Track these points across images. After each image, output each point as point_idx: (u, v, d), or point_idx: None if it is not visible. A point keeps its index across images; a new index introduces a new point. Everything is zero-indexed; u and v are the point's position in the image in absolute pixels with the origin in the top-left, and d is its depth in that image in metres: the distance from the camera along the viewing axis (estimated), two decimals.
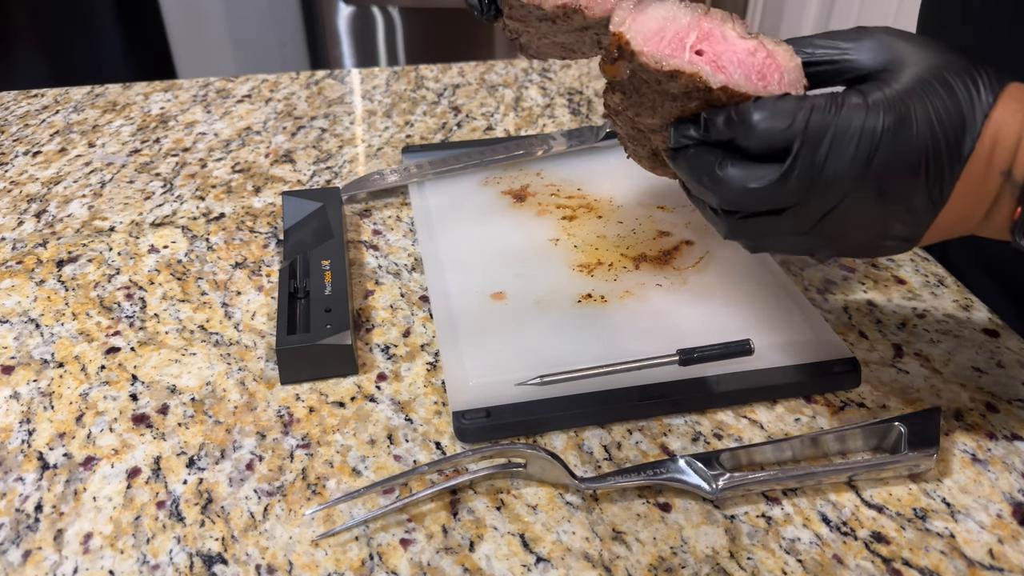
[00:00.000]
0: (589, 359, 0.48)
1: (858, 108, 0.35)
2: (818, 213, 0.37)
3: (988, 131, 0.35)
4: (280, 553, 0.39)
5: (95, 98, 0.86)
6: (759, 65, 0.38)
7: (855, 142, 0.35)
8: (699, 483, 0.41)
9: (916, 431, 0.43)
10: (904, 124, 0.35)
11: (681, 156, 0.41)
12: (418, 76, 0.92)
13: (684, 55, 0.37)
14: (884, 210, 0.37)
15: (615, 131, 0.46)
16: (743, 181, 0.37)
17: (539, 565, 0.39)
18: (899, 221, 0.37)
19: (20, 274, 0.59)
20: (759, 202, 0.38)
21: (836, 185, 0.36)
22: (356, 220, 0.65)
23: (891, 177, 0.36)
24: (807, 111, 0.36)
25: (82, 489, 0.42)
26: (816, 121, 0.35)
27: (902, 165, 0.35)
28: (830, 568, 0.38)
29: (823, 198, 0.36)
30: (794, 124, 0.36)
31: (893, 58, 0.37)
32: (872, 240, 0.38)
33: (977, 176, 0.35)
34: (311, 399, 0.48)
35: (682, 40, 0.38)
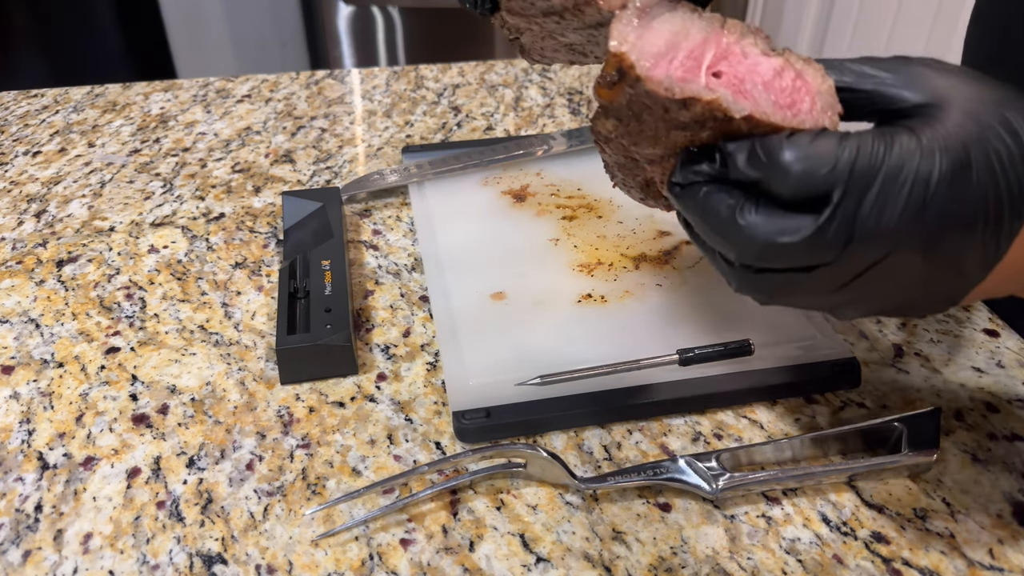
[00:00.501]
0: (589, 359, 0.48)
1: (911, 150, 0.30)
2: (854, 272, 0.32)
3: None
4: (280, 553, 0.39)
5: (95, 98, 0.86)
6: (788, 89, 0.32)
7: (907, 191, 0.30)
8: (699, 483, 0.41)
9: (916, 431, 0.43)
10: (962, 172, 0.30)
11: (689, 195, 0.34)
12: (418, 76, 0.92)
13: (700, 79, 0.31)
14: (931, 269, 0.32)
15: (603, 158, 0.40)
16: (770, 234, 0.31)
17: (539, 565, 0.39)
18: (944, 281, 0.32)
19: (20, 274, 0.59)
20: (787, 259, 0.32)
21: (880, 241, 0.30)
22: (356, 220, 0.65)
23: (944, 232, 0.30)
24: (852, 152, 0.30)
25: (82, 489, 0.42)
26: (863, 165, 0.30)
27: (958, 219, 0.30)
28: (830, 568, 0.38)
29: (863, 256, 0.31)
30: (837, 168, 0.30)
31: (940, 93, 0.32)
32: (909, 300, 0.33)
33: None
34: (311, 399, 0.48)
35: (697, 60, 0.32)
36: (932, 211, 0.30)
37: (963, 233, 0.31)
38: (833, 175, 0.30)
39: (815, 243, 0.31)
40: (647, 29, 0.32)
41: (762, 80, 0.32)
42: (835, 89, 0.32)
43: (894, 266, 0.31)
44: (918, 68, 0.33)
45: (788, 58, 0.33)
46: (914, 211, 0.30)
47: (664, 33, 0.32)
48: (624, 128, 0.35)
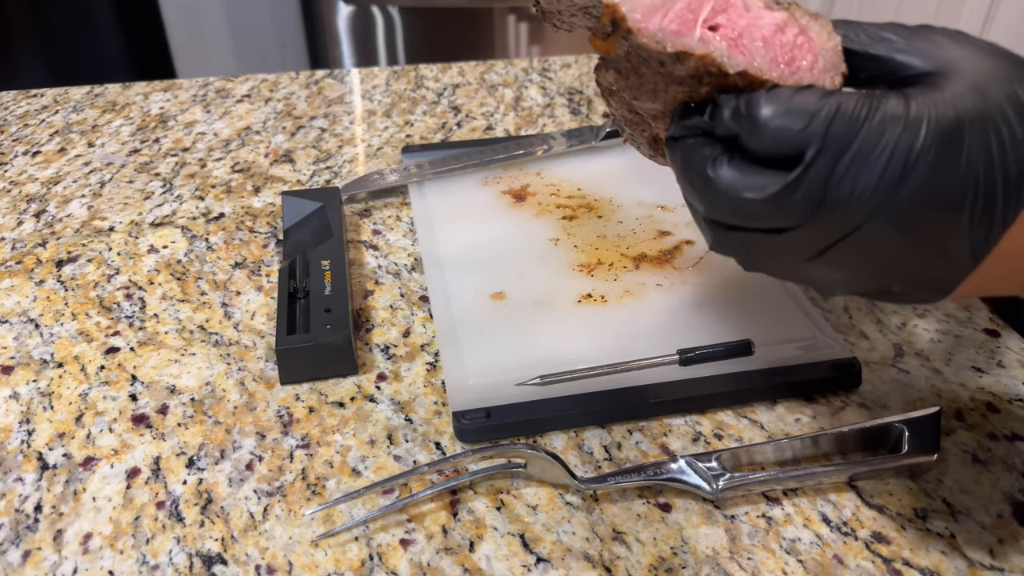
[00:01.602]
0: (589, 359, 0.48)
1: (896, 116, 0.28)
2: (825, 240, 0.30)
3: None
4: (280, 553, 0.39)
5: (94, 98, 0.86)
6: (788, 45, 0.31)
7: (884, 159, 0.28)
8: (699, 483, 0.41)
9: (916, 431, 0.43)
10: (951, 147, 0.28)
11: (678, 146, 0.33)
12: (418, 76, 0.92)
13: (695, 32, 0.30)
14: (911, 248, 0.30)
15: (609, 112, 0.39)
16: (736, 188, 0.30)
17: (539, 565, 0.38)
18: (926, 266, 0.30)
19: (19, 274, 0.59)
20: (752, 217, 0.31)
21: (853, 209, 0.29)
22: (356, 220, 0.65)
23: (923, 210, 0.29)
24: (831, 110, 0.29)
25: (82, 489, 0.42)
26: (840, 126, 0.29)
27: (940, 198, 0.28)
28: (831, 568, 0.38)
29: (833, 223, 0.30)
30: (811, 126, 0.29)
31: (950, 62, 0.30)
32: (890, 283, 0.32)
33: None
34: (311, 399, 0.48)
35: (694, 11, 0.31)
36: (911, 184, 0.28)
37: (945, 213, 0.29)
38: (807, 133, 0.29)
39: (782, 203, 0.30)
40: None
41: (761, 35, 0.31)
42: (842, 49, 0.31)
43: (870, 239, 0.30)
44: (937, 37, 0.31)
45: (794, 13, 0.31)
46: (891, 182, 0.28)
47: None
48: (624, 81, 0.34)
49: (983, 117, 0.28)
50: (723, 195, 0.31)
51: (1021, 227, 0.29)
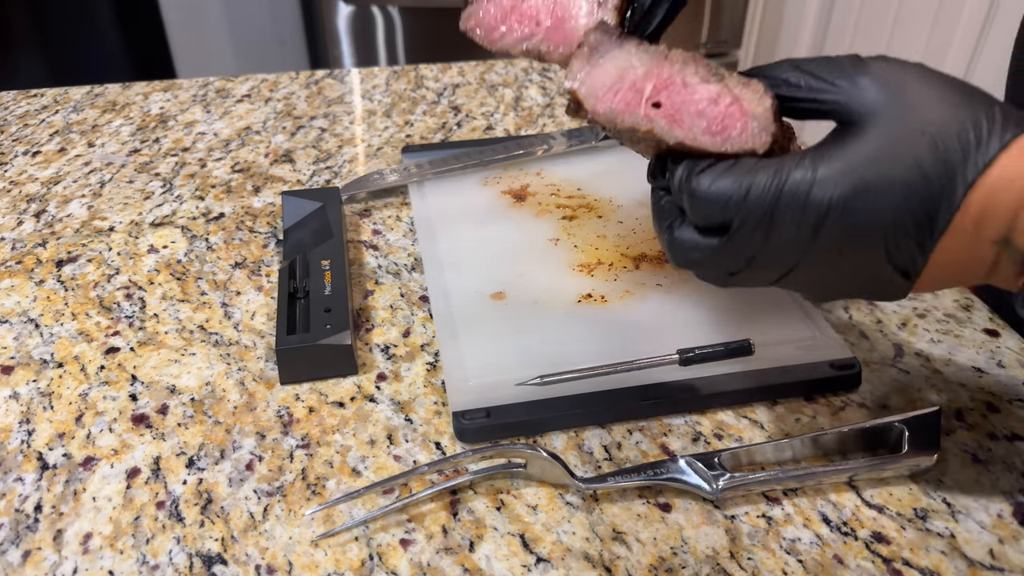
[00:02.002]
0: (589, 359, 0.48)
1: (802, 183, 0.32)
2: (770, 277, 0.36)
3: (974, 200, 0.31)
4: (280, 553, 0.39)
5: (94, 98, 0.86)
6: (721, 115, 0.34)
7: (796, 221, 0.33)
8: (699, 483, 0.41)
9: (916, 431, 0.43)
10: (859, 198, 0.32)
11: (653, 198, 0.39)
12: (418, 76, 0.92)
13: (639, 110, 0.35)
14: (845, 278, 0.35)
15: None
16: (687, 247, 0.36)
17: (539, 565, 0.38)
18: (866, 288, 0.35)
19: (19, 274, 0.59)
20: (703, 265, 0.37)
21: (781, 258, 0.34)
22: (356, 220, 0.65)
23: (844, 252, 0.33)
24: (745, 188, 0.33)
25: (82, 489, 0.42)
26: (755, 198, 0.33)
27: (856, 241, 0.32)
28: (830, 568, 0.38)
29: (770, 268, 0.35)
30: (731, 202, 0.33)
31: (878, 108, 0.33)
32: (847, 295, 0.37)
33: (962, 246, 0.32)
34: (311, 399, 0.48)
35: (639, 91, 0.35)
36: (826, 233, 0.32)
37: (865, 250, 0.33)
38: (729, 210, 0.34)
39: (722, 259, 0.35)
40: (596, 67, 0.36)
41: (696, 108, 0.35)
42: (773, 110, 0.34)
43: (808, 274, 0.35)
44: (866, 77, 0.34)
45: (727, 83, 0.35)
46: (807, 235, 0.33)
47: (611, 70, 0.36)
48: (607, 132, 0.38)
49: (891, 163, 0.31)
50: (679, 249, 0.37)
51: (947, 250, 0.32)
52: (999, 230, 0.31)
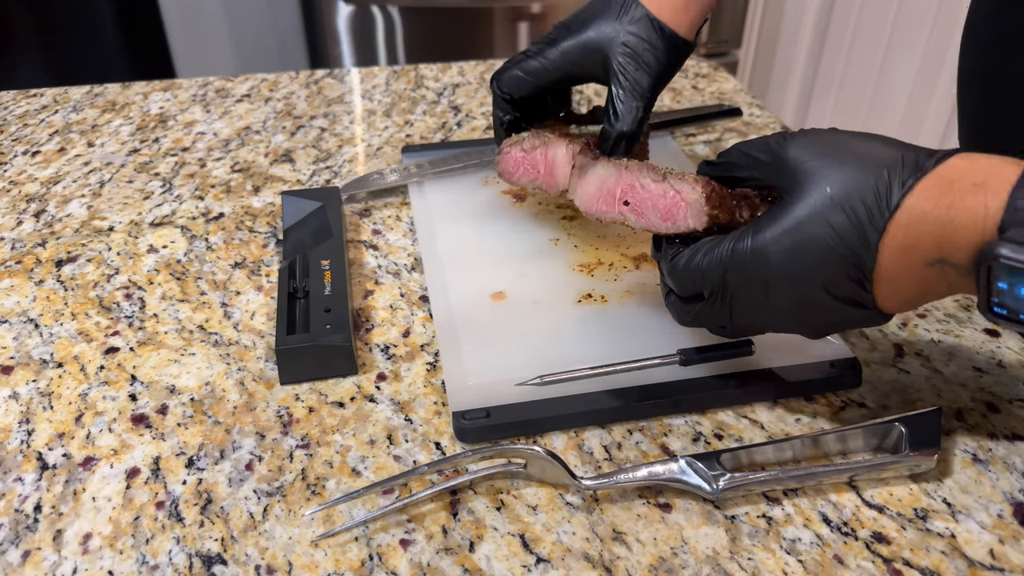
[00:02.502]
0: (589, 359, 0.48)
1: (743, 254, 0.39)
2: (756, 329, 0.44)
3: (893, 238, 0.36)
4: (280, 553, 0.39)
5: (94, 98, 0.86)
6: (668, 205, 0.44)
7: (746, 286, 0.40)
8: (699, 483, 0.41)
9: (917, 431, 0.43)
10: (792, 260, 0.38)
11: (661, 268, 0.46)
12: (418, 75, 0.92)
13: (615, 208, 0.47)
14: (819, 319, 0.40)
15: None
16: (677, 312, 0.45)
17: (539, 565, 0.38)
18: (844, 322, 0.40)
19: (19, 274, 0.59)
20: (700, 325, 0.44)
21: (750, 315, 0.41)
22: (356, 220, 0.65)
23: (799, 302, 0.39)
24: (704, 264, 0.41)
25: (81, 489, 0.42)
26: (711, 272, 0.41)
27: (803, 293, 0.38)
28: (831, 568, 0.38)
29: (750, 322, 0.42)
30: (695, 276, 0.42)
31: (799, 181, 0.39)
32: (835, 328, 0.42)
33: (904, 273, 0.36)
34: (311, 399, 0.48)
35: (613, 195, 0.47)
36: (775, 292, 0.39)
37: (813, 298, 0.38)
38: (696, 283, 0.42)
39: (709, 319, 0.43)
40: (582, 181, 0.50)
41: (651, 203, 0.45)
42: (704, 196, 0.43)
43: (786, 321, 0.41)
44: (784, 155, 0.40)
45: (670, 181, 0.44)
46: (761, 296, 0.40)
47: (594, 181, 0.49)
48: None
49: (813, 232, 0.37)
50: (675, 314, 0.45)
51: (892, 281, 0.37)
52: (930, 254, 0.35)
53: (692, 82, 0.91)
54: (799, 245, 0.38)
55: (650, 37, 0.51)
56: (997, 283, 0.33)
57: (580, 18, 0.54)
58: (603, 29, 0.52)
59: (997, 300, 0.34)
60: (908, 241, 0.35)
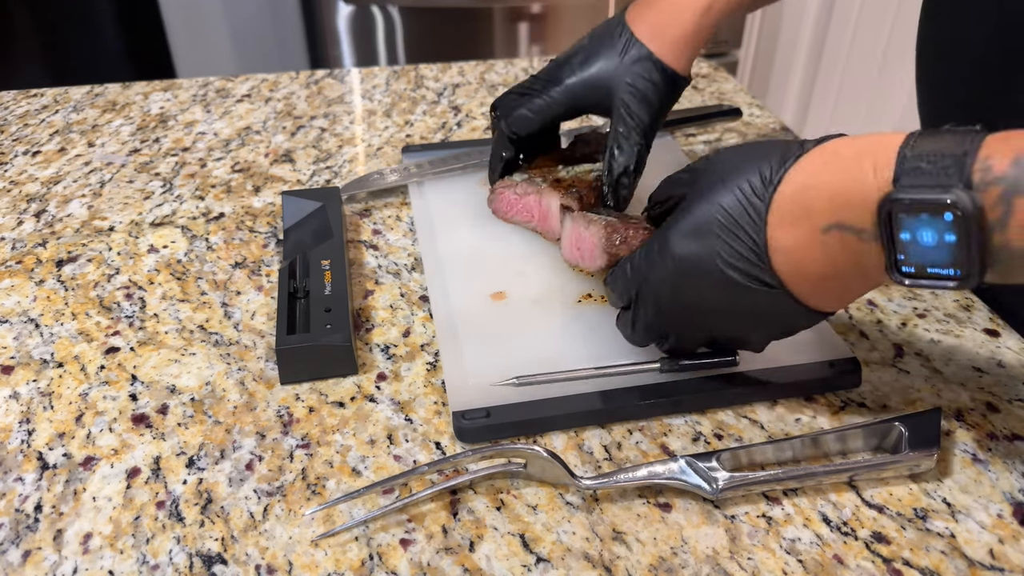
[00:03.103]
0: (589, 359, 0.48)
1: (652, 248, 0.42)
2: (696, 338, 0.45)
3: (781, 209, 0.37)
4: (280, 553, 0.39)
5: (94, 98, 0.86)
6: (590, 249, 0.51)
7: (662, 281, 0.42)
8: (699, 483, 0.41)
9: (916, 431, 0.43)
10: (695, 239, 0.40)
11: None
12: (418, 75, 0.92)
13: (579, 255, 0.53)
14: (738, 323, 0.42)
15: None
16: (623, 328, 0.47)
17: (539, 565, 0.38)
18: (763, 324, 0.42)
19: (20, 274, 0.59)
20: (639, 340, 0.46)
21: (676, 317, 0.43)
22: (356, 220, 0.65)
23: (710, 294, 0.40)
24: (618, 278, 0.45)
25: (82, 489, 0.42)
26: (622, 283, 0.45)
27: (709, 279, 0.40)
28: (830, 568, 0.38)
29: (677, 328, 0.44)
30: (615, 289, 0.46)
31: (700, 177, 0.42)
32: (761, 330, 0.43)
33: (807, 243, 0.37)
34: (311, 399, 0.48)
35: (577, 245, 0.53)
36: (681, 287, 0.41)
37: (725, 299, 0.40)
38: (624, 294, 0.45)
39: (641, 330, 0.45)
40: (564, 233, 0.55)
41: (586, 248, 0.52)
42: (604, 239, 0.49)
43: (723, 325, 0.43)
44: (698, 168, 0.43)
45: (590, 228, 0.51)
46: (669, 295, 0.42)
47: (568, 234, 0.54)
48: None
49: (711, 211, 0.39)
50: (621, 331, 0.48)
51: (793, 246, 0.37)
52: (823, 219, 0.36)
53: (692, 82, 0.91)
54: (696, 229, 0.40)
55: (651, 76, 0.53)
56: (900, 235, 0.33)
57: (582, 56, 0.55)
58: (606, 67, 0.54)
59: (903, 257, 0.34)
60: (797, 210, 0.37)
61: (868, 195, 0.34)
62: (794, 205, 0.37)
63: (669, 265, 0.41)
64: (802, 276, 0.38)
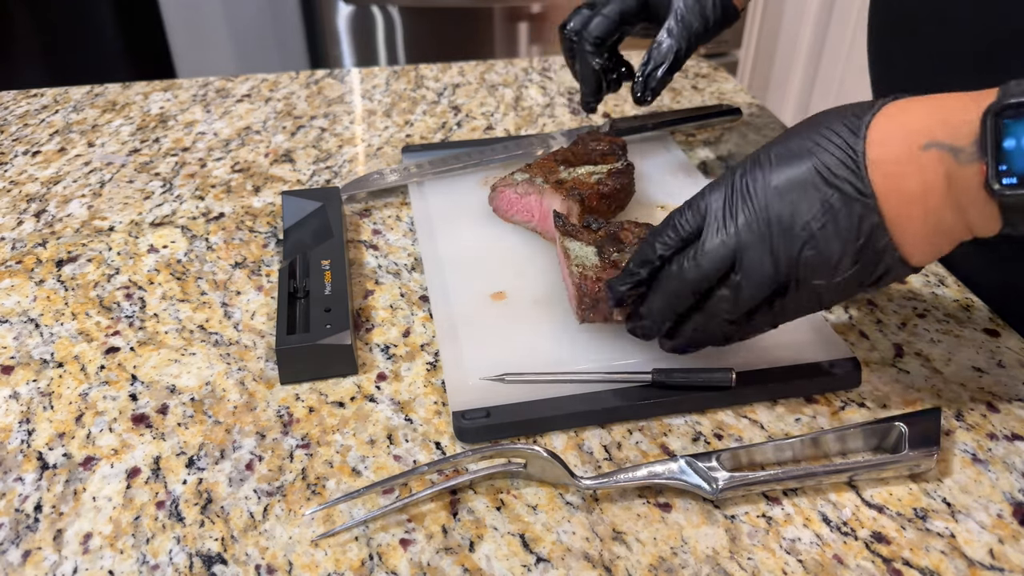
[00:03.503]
0: (589, 359, 0.48)
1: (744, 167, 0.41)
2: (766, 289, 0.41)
3: (880, 126, 0.37)
4: (280, 553, 0.39)
5: (94, 98, 0.86)
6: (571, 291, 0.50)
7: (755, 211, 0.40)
8: (699, 483, 0.41)
9: (916, 431, 0.43)
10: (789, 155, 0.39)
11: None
12: (418, 75, 0.92)
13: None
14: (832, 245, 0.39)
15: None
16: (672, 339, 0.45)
17: (539, 565, 0.38)
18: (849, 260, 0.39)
19: (20, 274, 0.59)
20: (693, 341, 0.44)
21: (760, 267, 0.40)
22: (356, 220, 0.65)
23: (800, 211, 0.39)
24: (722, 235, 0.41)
25: (82, 489, 0.42)
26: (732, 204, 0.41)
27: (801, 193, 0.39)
28: (830, 568, 0.38)
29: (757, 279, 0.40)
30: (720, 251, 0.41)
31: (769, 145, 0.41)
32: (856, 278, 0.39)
33: (903, 165, 0.37)
34: (311, 399, 0.48)
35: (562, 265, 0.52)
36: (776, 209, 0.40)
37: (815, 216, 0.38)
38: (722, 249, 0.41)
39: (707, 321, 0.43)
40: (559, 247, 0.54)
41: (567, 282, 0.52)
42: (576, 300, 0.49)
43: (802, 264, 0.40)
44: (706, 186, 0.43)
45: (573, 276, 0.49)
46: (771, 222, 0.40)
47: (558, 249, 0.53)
48: None
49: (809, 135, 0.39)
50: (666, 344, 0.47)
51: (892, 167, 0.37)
52: (923, 137, 0.36)
53: (692, 82, 0.91)
54: (790, 153, 0.39)
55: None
56: (1003, 143, 0.33)
57: None
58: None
59: (1005, 167, 0.34)
60: (895, 128, 0.37)
61: (969, 114, 0.35)
62: (892, 124, 0.37)
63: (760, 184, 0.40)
64: (896, 194, 0.37)
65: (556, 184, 0.57)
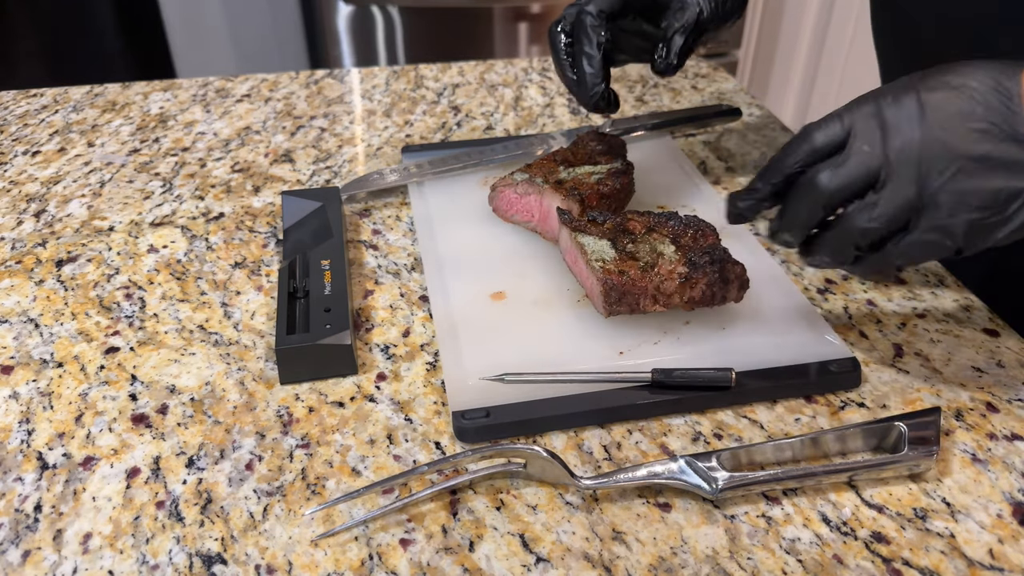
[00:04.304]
0: (589, 359, 0.48)
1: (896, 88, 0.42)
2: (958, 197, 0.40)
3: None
4: (280, 553, 0.39)
5: (94, 98, 0.86)
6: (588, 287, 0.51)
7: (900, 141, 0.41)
8: (699, 483, 0.41)
9: (916, 431, 0.43)
10: (949, 101, 0.40)
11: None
12: (418, 75, 0.92)
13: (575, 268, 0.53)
14: (982, 175, 0.39)
15: None
16: (864, 263, 0.44)
17: (539, 565, 0.38)
18: (1000, 187, 0.39)
19: (19, 274, 0.59)
20: (908, 256, 0.42)
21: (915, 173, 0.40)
22: (356, 220, 0.65)
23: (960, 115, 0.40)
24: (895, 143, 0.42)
25: (81, 489, 0.42)
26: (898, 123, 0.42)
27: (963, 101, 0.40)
28: (830, 568, 0.38)
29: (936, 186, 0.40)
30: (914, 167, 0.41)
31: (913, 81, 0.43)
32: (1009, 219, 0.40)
33: None
34: (311, 399, 0.48)
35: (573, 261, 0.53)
36: (933, 113, 0.41)
37: (973, 118, 0.40)
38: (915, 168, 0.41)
39: (928, 236, 0.41)
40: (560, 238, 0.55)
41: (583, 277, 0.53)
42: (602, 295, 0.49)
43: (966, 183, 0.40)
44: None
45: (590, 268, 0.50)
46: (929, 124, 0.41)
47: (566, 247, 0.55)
48: None
49: (966, 71, 0.41)
50: (856, 270, 0.47)
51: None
52: None
53: (692, 82, 0.91)
54: (945, 83, 0.41)
55: None
56: None
57: None
58: None
59: None
60: None
61: None
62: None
63: (916, 106, 0.41)
64: None
65: (556, 184, 0.57)
